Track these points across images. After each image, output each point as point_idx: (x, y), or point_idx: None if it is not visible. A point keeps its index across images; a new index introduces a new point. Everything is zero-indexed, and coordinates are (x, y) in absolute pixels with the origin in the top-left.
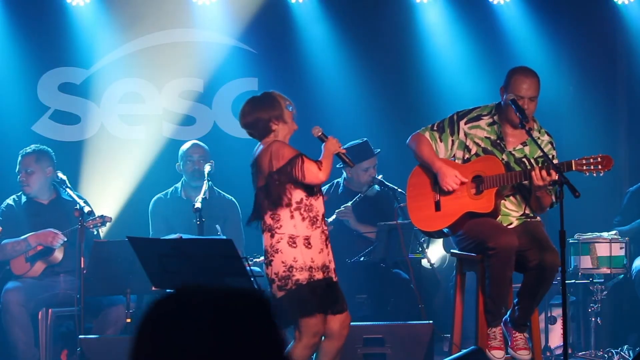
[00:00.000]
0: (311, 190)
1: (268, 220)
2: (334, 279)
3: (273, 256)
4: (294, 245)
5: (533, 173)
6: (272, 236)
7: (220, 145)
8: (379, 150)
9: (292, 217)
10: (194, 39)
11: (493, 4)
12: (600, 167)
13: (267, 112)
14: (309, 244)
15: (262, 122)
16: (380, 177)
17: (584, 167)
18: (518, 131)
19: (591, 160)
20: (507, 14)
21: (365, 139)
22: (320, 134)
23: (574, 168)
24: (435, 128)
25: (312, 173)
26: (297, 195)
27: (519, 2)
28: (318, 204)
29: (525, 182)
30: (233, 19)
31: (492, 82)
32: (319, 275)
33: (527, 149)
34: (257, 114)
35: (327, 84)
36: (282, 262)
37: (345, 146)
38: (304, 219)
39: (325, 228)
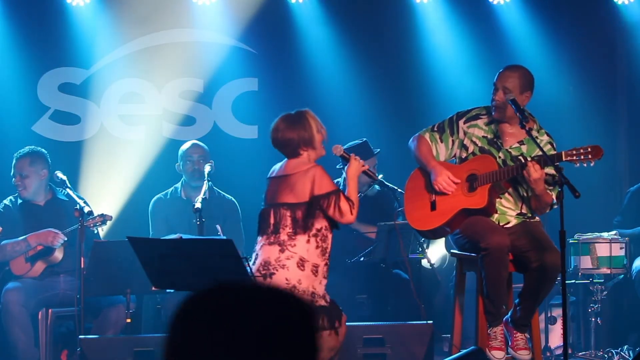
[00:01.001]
0: (334, 223)
1: (283, 236)
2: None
3: (277, 270)
4: (302, 268)
5: (528, 164)
6: (282, 251)
7: (220, 145)
8: (379, 150)
9: (308, 241)
10: (194, 39)
11: (493, 4)
12: (590, 156)
13: (298, 133)
14: (317, 271)
15: (292, 144)
16: (380, 177)
17: (574, 157)
18: (515, 130)
19: (581, 151)
20: (507, 14)
21: (365, 139)
22: (342, 152)
23: (564, 158)
24: (435, 129)
25: (345, 213)
26: (320, 223)
27: (519, 2)
28: (330, 238)
29: (518, 175)
30: (233, 19)
31: (492, 82)
32: (321, 302)
33: (524, 148)
34: (288, 134)
35: (327, 84)
36: (286, 279)
37: (345, 146)
38: (317, 247)
39: (328, 262)
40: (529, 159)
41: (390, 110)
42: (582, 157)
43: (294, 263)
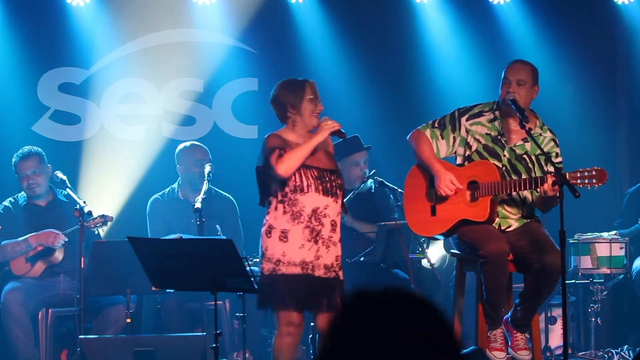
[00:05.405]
0: (295, 185)
1: (268, 204)
2: (321, 276)
3: (261, 238)
4: (269, 235)
5: (545, 185)
6: (265, 219)
7: (220, 145)
8: (370, 145)
9: (276, 208)
10: (194, 39)
11: (493, 4)
12: (594, 180)
13: (286, 96)
14: (286, 237)
15: (280, 105)
16: (380, 179)
17: (578, 181)
18: (519, 127)
19: (585, 174)
20: (507, 14)
21: (357, 134)
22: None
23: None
24: (436, 125)
25: (272, 164)
26: (282, 188)
27: (519, 2)
28: (305, 199)
29: (521, 191)
30: (233, 19)
31: (491, 82)
32: (289, 270)
33: (528, 145)
34: (278, 94)
35: (327, 83)
36: (260, 247)
37: (336, 142)
38: (285, 212)
39: (316, 224)
40: (533, 157)
41: (390, 110)
42: (586, 180)
43: (263, 231)
